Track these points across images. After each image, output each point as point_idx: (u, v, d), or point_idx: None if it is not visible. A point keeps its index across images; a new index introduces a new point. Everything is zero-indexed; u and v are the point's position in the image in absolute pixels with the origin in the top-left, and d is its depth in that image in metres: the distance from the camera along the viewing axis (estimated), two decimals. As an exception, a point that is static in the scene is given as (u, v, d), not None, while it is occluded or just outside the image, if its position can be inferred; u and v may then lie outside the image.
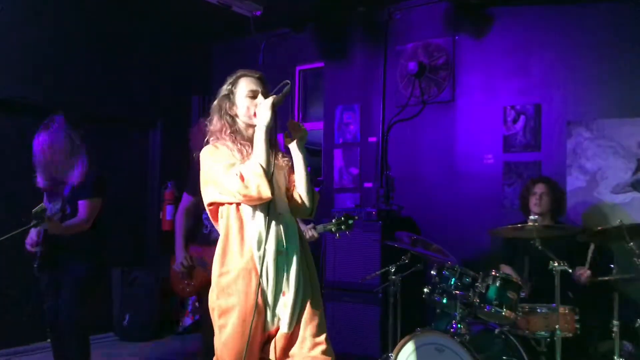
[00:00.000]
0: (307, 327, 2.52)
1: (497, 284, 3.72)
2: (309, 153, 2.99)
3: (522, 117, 5.02)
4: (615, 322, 3.64)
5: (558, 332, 3.54)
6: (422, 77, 5.45)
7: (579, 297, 4.02)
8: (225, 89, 2.75)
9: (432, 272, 3.95)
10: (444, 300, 3.84)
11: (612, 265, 3.67)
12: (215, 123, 2.69)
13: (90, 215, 3.72)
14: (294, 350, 2.52)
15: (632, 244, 3.47)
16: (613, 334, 3.65)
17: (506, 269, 4.19)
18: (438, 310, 4.10)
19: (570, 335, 3.70)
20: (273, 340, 2.55)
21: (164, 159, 6.66)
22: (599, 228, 3.82)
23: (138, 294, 5.98)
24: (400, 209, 5.25)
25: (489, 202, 5.10)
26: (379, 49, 5.79)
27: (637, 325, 3.70)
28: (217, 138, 2.65)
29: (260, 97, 2.63)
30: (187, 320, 6.21)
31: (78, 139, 3.76)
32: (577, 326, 3.72)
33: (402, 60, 5.63)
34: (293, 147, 2.72)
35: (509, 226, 3.93)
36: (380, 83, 5.71)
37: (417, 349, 3.65)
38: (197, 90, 6.83)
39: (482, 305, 3.71)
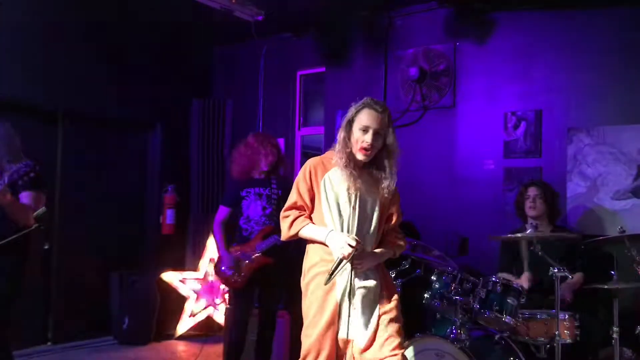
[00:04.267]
0: (379, 343, 2.74)
1: (498, 290, 3.72)
2: (309, 158, 3.05)
3: (522, 123, 5.03)
4: (615, 329, 3.63)
5: (558, 338, 3.53)
6: (423, 82, 5.46)
7: (579, 303, 4.02)
8: (350, 113, 2.87)
9: (432, 277, 3.95)
10: (444, 306, 3.84)
11: (612, 272, 3.66)
12: (339, 139, 2.87)
13: (36, 206, 3.49)
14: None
15: (633, 252, 3.47)
16: (613, 341, 3.64)
17: (505, 277, 4.18)
18: (438, 316, 4.09)
19: (570, 341, 3.70)
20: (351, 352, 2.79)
21: (163, 162, 6.66)
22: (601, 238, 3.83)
23: (137, 298, 5.96)
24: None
25: (490, 207, 5.09)
26: (379, 54, 5.81)
27: (637, 331, 3.70)
28: (337, 151, 2.86)
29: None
30: (186, 324, 6.20)
31: (10, 133, 3.66)
32: (577, 332, 3.72)
33: (403, 65, 5.64)
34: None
35: (509, 234, 3.94)
36: (381, 88, 5.72)
37: (417, 354, 3.64)
38: (198, 93, 6.84)
39: (482, 311, 3.71)
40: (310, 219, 2.91)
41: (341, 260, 2.71)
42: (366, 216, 2.86)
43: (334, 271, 2.71)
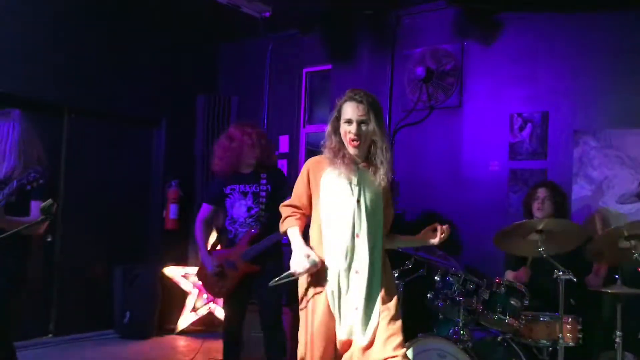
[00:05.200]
0: (381, 342, 2.70)
1: (501, 291, 3.72)
2: (314, 155, 3.04)
3: (529, 125, 5.01)
4: (618, 333, 3.62)
5: (561, 341, 3.53)
6: (429, 82, 5.44)
7: (582, 306, 4.01)
8: (337, 109, 2.91)
9: (435, 277, 3.94)
10: (447, 306, 3.83)
11: (616, 276, 3.65)
12: (326, 140, 2.93)
13: None
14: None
15: (638, 256, 3.45)
16: (616, 344, 3.63)
17: (510, 275, 4.17)
18: (441, 316, 4.09)
19: (573, 344, 3.69)
20: (351, 352, 2.75)
21: (168, 157, 6.66)
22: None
23: (139, 292, 5.97)
24: (405, 213, 5.24)
25: (494, 208, 5.08)
26: (386, 53, 5.80)
27: (639, 335, 3.69)
28: (325, 146, 2.92)
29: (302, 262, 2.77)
30: (188, 319, 6.21)
31: (32, 136, 3.53)
32: (580, 336, 3.71)
33: (410, 65, 5.62)
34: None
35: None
36: (387, 87, 5.71)
37: (419, 354, 3.64)
38: (203, 89, 6.84)
39: (485, 312, 3.71)
40: (305, 218, 2.93)
41: (292, 274, 2.77)
42: (373, 210, 2.82)
43: (281, 279, 2.79)
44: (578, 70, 4.83)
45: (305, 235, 2.96)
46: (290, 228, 2.89)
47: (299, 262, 2.74)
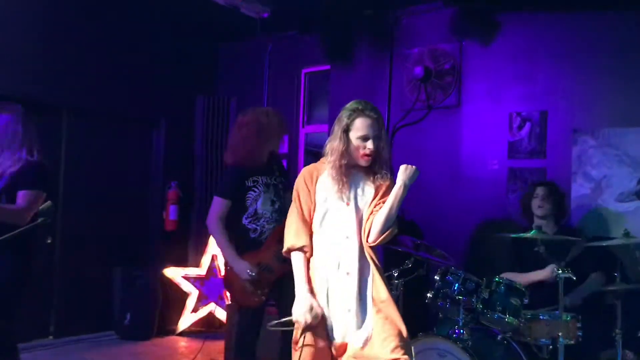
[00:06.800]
0: (378, 344, 2.69)
1: (501, 290, 3.72)
2: (313, 156, 3.03)
3: (527, 124, 5.02)
4: (617, 331, 3.64)
5: (561, 339, 3.53)
6: (428, 82, 5.45)
7: (582, 304, 4.02)
8: (344, 122, 2.81)
9: (435, 277, 3.94)
10: (447, 306, 3.84)
11: (616, 274, 3.66)
12: (333, 147, 2.83)
13: (29, 206, 3.35)
14: None
15: (637, 253, 3.47)
16: (615, 342, 3.64)
17: (509, 276, 4.16)
18: (441, 315, 4.09)
19: (573, 342, 3.68)
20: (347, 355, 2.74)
21: (167, 158, 6.66)
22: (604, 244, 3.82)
23: (139, 293, 5.97)
24: (404, 213, 5.24)
25: (493, 207, 5.09)
26: (385, 53, 5.80)
27: (639, 333, 3.70)
28: (330, 160, 2.82)
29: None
30: (188, 320, 6.21)
31: (24, 131, 3.56)
32: (580, 334, 3.71)
33: (408, 64, 5.63)
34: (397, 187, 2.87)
35: (519, 234, 3.93)
36: (386, 87, 5.71)
37: (419, 353, 3.63)
38: (202, 90, 6.85)
39: (485, 311, 3.71)
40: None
41: (292, 323, 2.73)
42: (363, 213, 2.84)
43: (281, 324, 2.78)
44: (576, 69, 4.84)
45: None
46: (295, 253, 2.82)
47: (302, 313, 2.68)
